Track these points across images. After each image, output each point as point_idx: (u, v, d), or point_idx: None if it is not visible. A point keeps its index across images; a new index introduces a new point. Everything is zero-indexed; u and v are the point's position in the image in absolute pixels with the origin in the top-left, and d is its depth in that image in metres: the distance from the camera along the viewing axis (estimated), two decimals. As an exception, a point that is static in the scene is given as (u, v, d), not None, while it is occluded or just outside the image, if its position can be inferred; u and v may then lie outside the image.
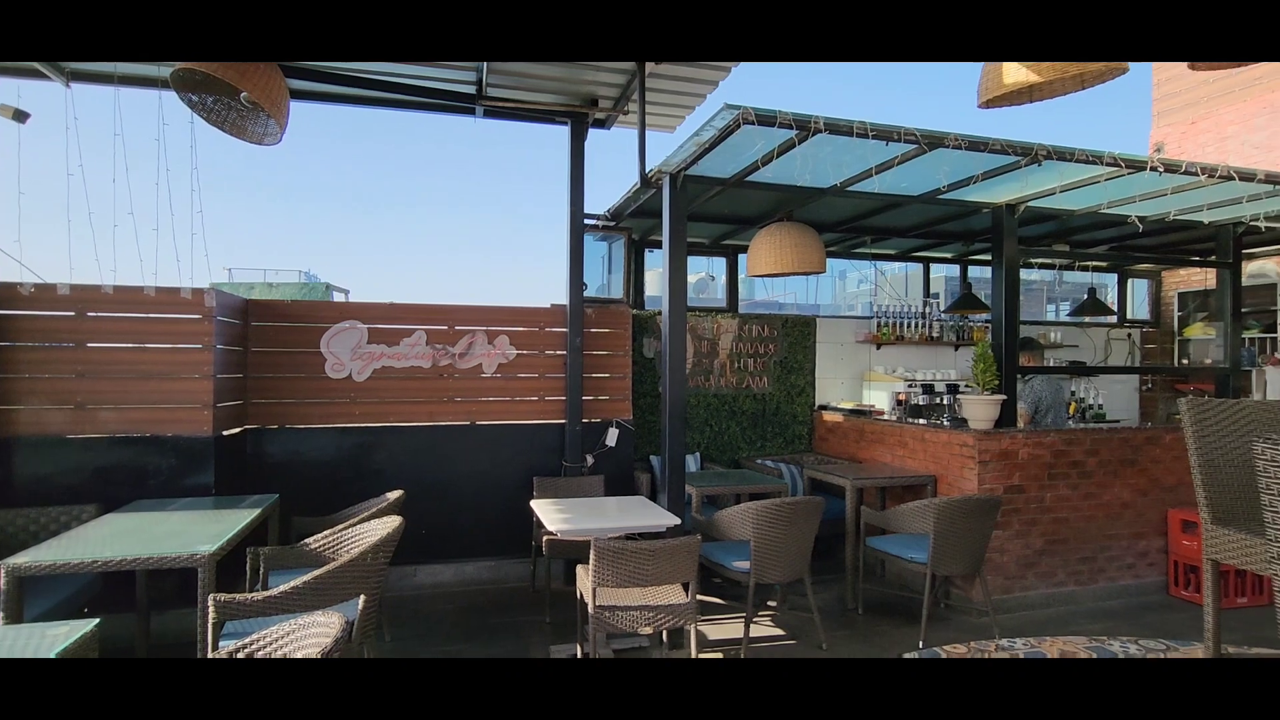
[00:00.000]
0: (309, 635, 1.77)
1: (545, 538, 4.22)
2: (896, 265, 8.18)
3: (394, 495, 3.90)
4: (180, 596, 3.87)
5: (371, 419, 4.97)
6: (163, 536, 3.08)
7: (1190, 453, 2.88)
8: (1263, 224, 5.53)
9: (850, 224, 6.28)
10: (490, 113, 4.98)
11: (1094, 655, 3.92)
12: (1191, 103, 9.84)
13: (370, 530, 3.10)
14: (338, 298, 19.98)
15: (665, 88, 4.73)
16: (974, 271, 8.01)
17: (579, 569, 3.65)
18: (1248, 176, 4.37)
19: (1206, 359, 7.90)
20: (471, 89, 4.81)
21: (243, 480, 4.64)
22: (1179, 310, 8.42)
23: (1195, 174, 4.30)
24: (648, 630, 3.28)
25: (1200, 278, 8.26)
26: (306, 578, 2.54)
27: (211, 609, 2.42)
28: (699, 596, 4.47)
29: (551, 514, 3.79)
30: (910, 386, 6.51)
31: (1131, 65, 2.83)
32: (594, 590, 3.20)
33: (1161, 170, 4.20)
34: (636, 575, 3.19)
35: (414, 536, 4.91)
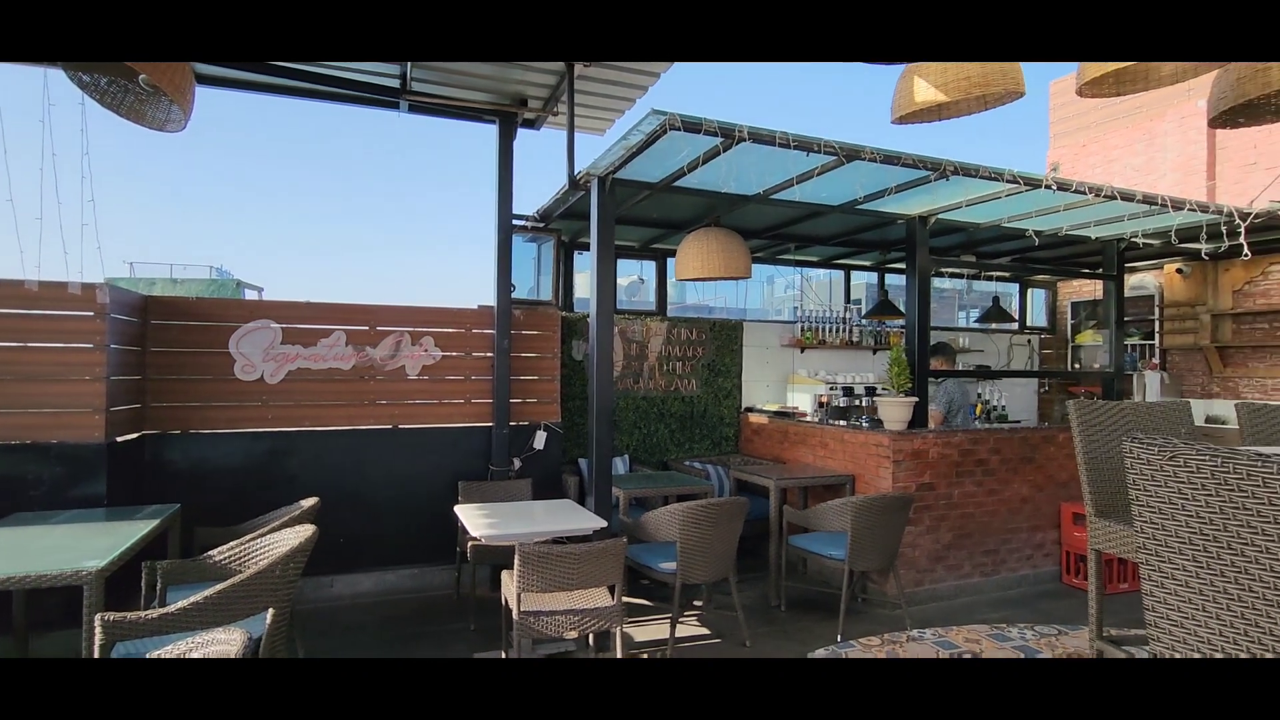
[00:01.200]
0: (206, 654, 1.66)
1: (470, 543, 4.13)
2: (821, 271, 8.46)
3: (308, 503, 3.72)
4: (67, 617, 3.56)
5: (285, 423, 4.73)
6: (44, 552, 2.83)
7: (1077, 451, 3.09)
8: (1141, 240, 6.03)
9: (775, 231, 6.44)
10: (415, 108, 4.84)
11: (995, 642, 4.16)
12: (1083, 126, 10.62)
13: (281, 540, 2.94)
14: (250, 295, 18.97)
15: (595, 90, 4.72)
16: (891, 279, 8.37)
17: (504, 574, 3.59)
18: (1128, 197, 4.75)
19: (1095, 363, 8.53)
20: (395, 82, 4.66)
21: (140, 490, 4.32)
22: (1072, 318, 9.05)
23: (1084, 193, 4.63)
24: (573, 634, 3.26)
25: (1090, 288, 8.91)
26: (208, 592, 2.39)
27: (98, 629, 2.24)
28: (626, 599, 4.47)
29: (476, 519, 3.70)
30: (831, 389, 6.74)
31: (1029, 89, 3.02)
32: (518, 596, 3.15)
33: (1055, 188, 4.50)
34: (562, 579, 3.16)
35: (331, 545, 4.70)
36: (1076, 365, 8.90)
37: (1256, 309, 7.40)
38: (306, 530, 2.83)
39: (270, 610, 2.57)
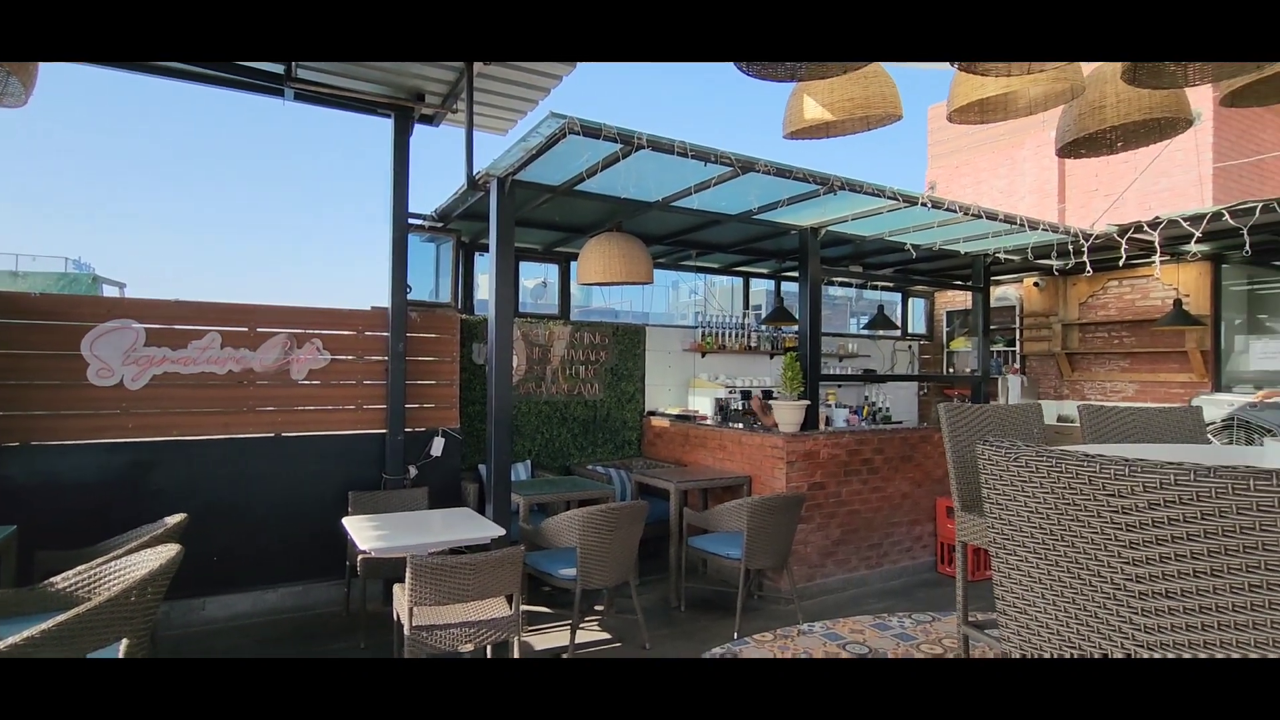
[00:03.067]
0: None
1: (360, 557, 3.92)
2: (724, 278, 8.68)
3: (174, 519, 3.41)
4: None
5: (149, 432, 4.32)
6: None
7: (946, 450, 3.33)
8: (1003, 255, 6.59)
9: (677, 237, 6.55)
10: (302, 97, 4.56)
11: (877, 631, 4.41)
12: (957, 149, 11.51)
13: (139, 562, 2.67)
14: (110, 292, 17.28)
15: (496, 89, 4.63)
16: (787, 286, 8.72)
17: (395, 588, 3.43)
18: (992, 216, 5.18)
19: (966, 368, 9.24)
20: (280, 68, 4.37)
21: (-31, 510, 3.82)
22: (947, 326, 9.77)
23: (954, 211, 5.01)
24: (469, 647, 3.16)
25: (962, 299, 9.66)
26: (47, 625, 2.13)
27: (-94, 674, 1.94)
28: (527, 606, 4.40)
29: (366, 531, 3.52)
30: (730, 393, 6.93)
31: (914, 113, 3.22)
32: (410, 610, 3.02)
33: (929, 206, 4.84)
34: (458, 591, 3.05)
35: (203, 564, 4.34)
36: (951, 369, 9.61)
37: (1097, 320, 8.27)
38: (170, 550, 2.59)
39: (124, 640, 2.33)
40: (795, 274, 8.31)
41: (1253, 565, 1.07)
